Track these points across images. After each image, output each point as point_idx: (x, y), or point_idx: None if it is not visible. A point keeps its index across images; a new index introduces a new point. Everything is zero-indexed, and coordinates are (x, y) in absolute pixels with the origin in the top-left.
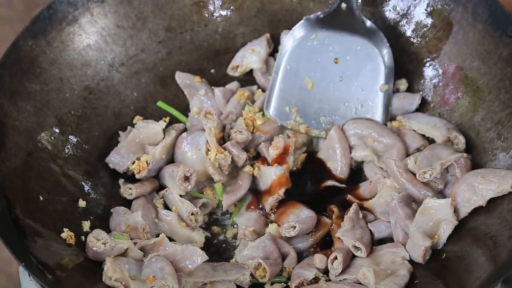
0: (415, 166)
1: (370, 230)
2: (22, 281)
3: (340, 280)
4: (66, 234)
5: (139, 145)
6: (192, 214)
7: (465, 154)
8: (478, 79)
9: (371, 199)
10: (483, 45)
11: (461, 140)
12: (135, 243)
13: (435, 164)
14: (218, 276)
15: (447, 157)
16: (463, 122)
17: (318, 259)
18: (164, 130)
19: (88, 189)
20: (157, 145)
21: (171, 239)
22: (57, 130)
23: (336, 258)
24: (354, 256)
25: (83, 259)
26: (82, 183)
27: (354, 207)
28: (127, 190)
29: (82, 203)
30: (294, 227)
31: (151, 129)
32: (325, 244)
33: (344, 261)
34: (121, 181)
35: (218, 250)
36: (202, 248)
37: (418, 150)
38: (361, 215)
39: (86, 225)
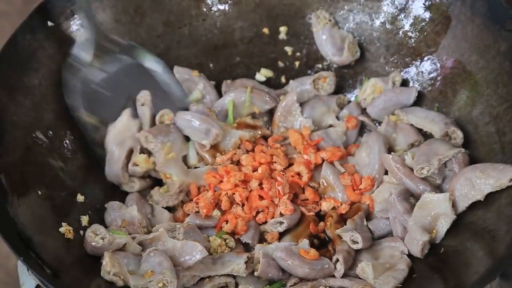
0: (413, 161)
1: (370, 229)
2: (20, 276)
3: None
4: (65, 228)
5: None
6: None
7: (462, 150)
8: (476, 73)
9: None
10: (481, 39)
11: (459, 135)
12: (133, 238)
13: (433, 159)
14: (216, 270)
15: (445, 152)
16: (461, 116)
17: None
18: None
19: (86, 184)
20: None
21: None
22: (55, 125)
23: (338, 260)
24: (355, 254)
25: (81, 254)
26: (80, 177)
27: (360, 213)
28: (129, 183)
29: (80, 197)
30: (282, 222)
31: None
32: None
33: (345, 262)
34: None
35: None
36: None
37: (413, 145)
38: (365, 223)
39: (84, 219)
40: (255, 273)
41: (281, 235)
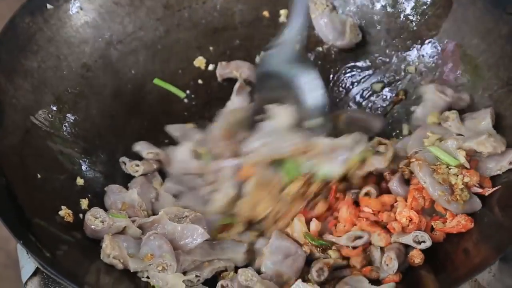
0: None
1: None
2: (20, 259)
3: None
4: (64, 212)
5: None
6: None
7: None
8: (477, 57)
9: None
10: (482, 23)
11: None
12: (133, 221)
13: None
14: (215, 254)
15: None
16: None
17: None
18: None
19: (86, 167)
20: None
21: None
22: (54, 108)
23: (389, 258)
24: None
25: (81, 237)
26: (80, 161)
27: None
28: (133, 167)
29: (80, 181)
30: None
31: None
32: None
33: (398, 258)
34: (125, 159)
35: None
36: None
37: None
38: None
39: (84, 203)
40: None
41: None
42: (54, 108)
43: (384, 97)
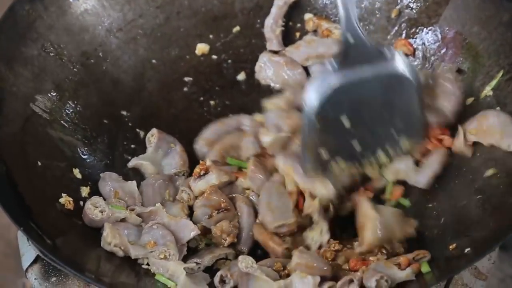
0: None
1: None
2: (20, 247)
3: None
4: (65, 199)
5: None
6: None
7: None
8: (477, 44)
9: None
10: (483, 10)
11: None
12: (132, 209)
13: None
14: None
15: None
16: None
17: None
18: None
19: (86, 155)
20: None
21: None
22: (54, 96)
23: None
24: None
25: (81, 224)
26: (80, 148)
27: None
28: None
29: (80, 169)
30: None
31: None
32: None
33: None
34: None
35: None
36: None
37: None
38: None
39: (85, 190)
40: None
41: None
42: (54, 96)
43: None
